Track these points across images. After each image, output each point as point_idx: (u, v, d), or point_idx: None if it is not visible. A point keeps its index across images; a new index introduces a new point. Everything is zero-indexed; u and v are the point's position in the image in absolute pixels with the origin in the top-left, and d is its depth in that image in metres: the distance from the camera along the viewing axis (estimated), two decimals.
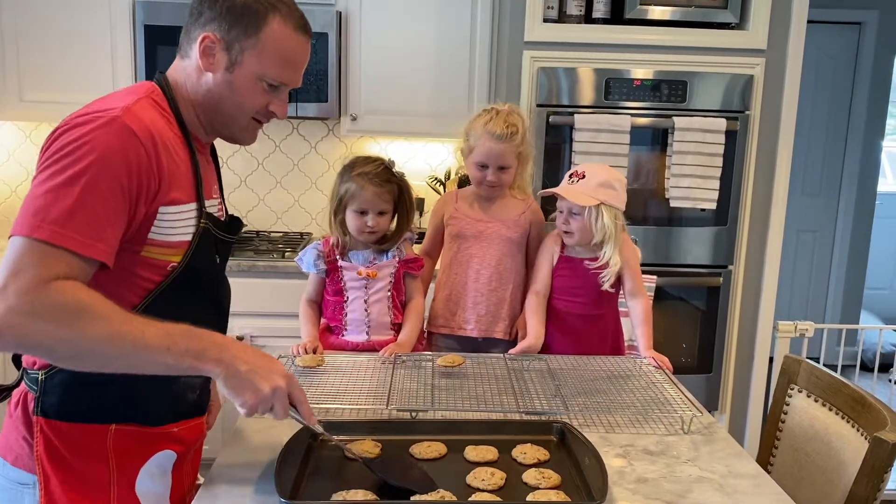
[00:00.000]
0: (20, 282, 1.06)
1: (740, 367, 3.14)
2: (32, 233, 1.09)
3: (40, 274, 1.07)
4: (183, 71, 1.31)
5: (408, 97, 3.13)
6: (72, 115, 1.18)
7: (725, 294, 3.05)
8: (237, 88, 1.28)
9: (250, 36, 1.26)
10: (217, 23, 1.26)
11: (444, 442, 1.41)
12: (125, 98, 1.22)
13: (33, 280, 1.07)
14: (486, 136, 2.09)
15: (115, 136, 1.15)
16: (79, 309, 1.08)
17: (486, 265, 2.18)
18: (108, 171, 1.13)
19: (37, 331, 1.06)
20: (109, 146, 1.14)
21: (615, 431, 1.54)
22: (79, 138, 1.13)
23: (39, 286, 1.07)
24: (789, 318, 3.29)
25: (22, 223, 1.10)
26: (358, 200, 1.95)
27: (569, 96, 2.89)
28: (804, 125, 4.57)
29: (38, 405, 1.23)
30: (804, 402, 1.81)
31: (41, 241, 1.08)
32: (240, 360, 1.16)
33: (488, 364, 1.88)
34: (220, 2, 1.26)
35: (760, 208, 3.03)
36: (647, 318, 2.05)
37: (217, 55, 1.27)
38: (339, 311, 2.03)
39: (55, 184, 1.11)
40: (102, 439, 1.25)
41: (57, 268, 1.09)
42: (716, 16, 2.90)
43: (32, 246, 1.08)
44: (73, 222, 1.10)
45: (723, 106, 2.91)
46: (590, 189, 1.98)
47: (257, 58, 1.27)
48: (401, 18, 3.08)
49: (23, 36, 3.04)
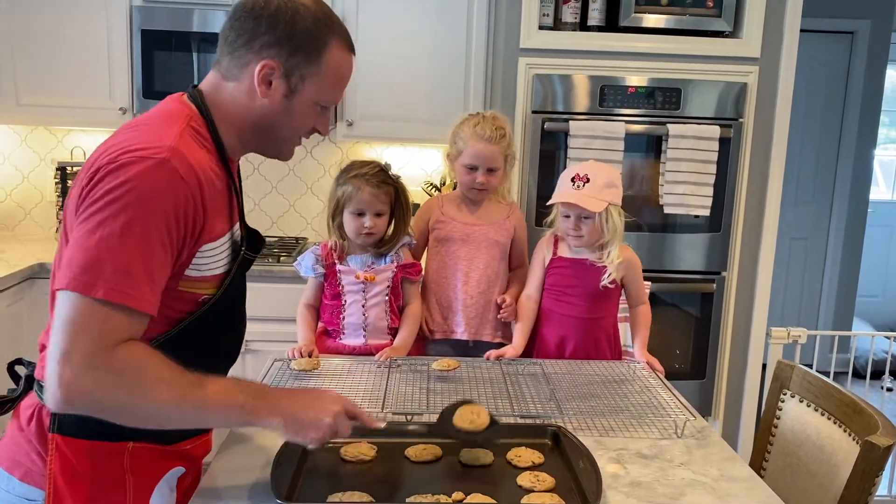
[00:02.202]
0: (85, 346, 1.06)
1: (733, 374, 3.15)
2: (88, 291, 1.06)
3: (104, 338, 1.07)
4: (227, 92, 1.26)
5: (403, 103, 3.14)
6: (115, 151, 1.13)
7: (719, 300, 3.06)
8: (294, 114, 1.27)
9: (311, 63, 1.24)
10: (276, 49, 1.22)
11: (438, 445, 1.41)
12: (167, 129, 1.18)
13: (98, 345, 1.06)
14: (476, 139, 2.12)
15: (166, 183, 1.12)
16: (145, 375, 1.10)
17: (474, 268, 2.20)
18: (159, 221, 1.11)
19: (105, 397, 1.08)
20: (160, 193, 1.11)
21: (609, 435, 1.55)
22: (127, 181, 1.10)
23: (106, 351, 1.07)
24: (782, 324, 3.30)
25: (75, 278, 1.07)
26: (355, 202, 1.96)
27: (564, 103, 2.91)
28: (797, 133, 4.60)
29: (54, 422, 1.21)
30: (797, 407, 1.82)
31: (98, 300, 1.06)
32: (293, 405, 1.21)
33: (483, 368, 1.89)
34: (279, 27, 1.21)
35: (754, 215, 3.05)
36: (645, 323, 2.09)
37: (275, 82, 1.23)
38: (336, 315, 2.04)
39: (106, 234, 1.08)
40: (120, 457, 1.24)
41: (118, 329, 1.08)
42: (710, 24, 2.93)
43: (89, 306, 1.06)
44: (129, 279, 1.08)
45: (716, 113, 2.94)
46: (597, 192, 1.98)
47: (317, 85, 1.26)
48: (397, 25, 3.10)
49: (20, 39, 3.04)
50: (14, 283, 2.75)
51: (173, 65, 3.00)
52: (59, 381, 1.05)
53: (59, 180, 3.27)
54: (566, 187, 2.02)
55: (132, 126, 1.22)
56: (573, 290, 2.06)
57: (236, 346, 1.44)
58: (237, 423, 1.20)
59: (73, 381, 1.05)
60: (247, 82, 1.24)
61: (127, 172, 1.10)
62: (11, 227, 3.47)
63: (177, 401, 1.11)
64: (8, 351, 2.72)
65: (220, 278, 1.27)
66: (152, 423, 1.15)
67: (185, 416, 1.14)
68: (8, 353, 2.70)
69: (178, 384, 1.12)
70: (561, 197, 2.01)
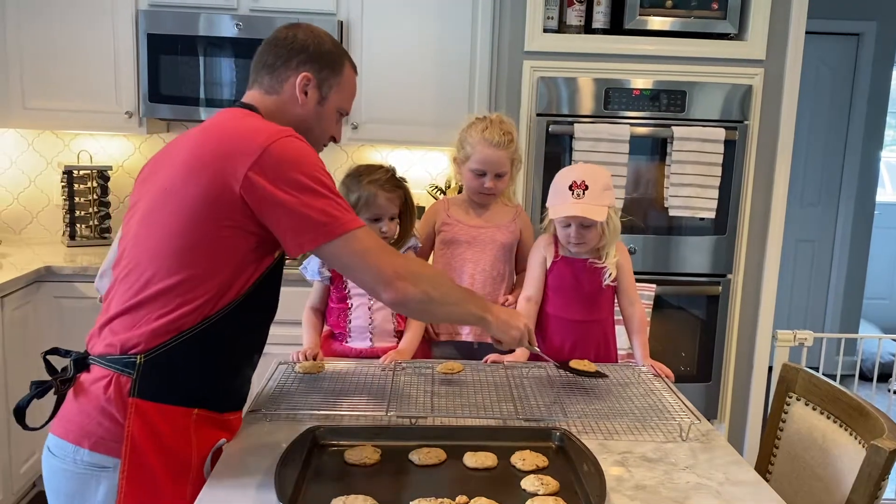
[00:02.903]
0: (389, 258, 1.44)
1: (739, 376, 3.14)
2: (349, 225, 1.39)
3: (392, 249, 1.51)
4: (270, 105, 1.53)
5: (408, 106, 3.15)
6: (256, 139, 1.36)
7: (724, 303, 3.06)
8: (324, 118, 1.57)
9: (336, 75, 1.56)
10: (310, 65, 1.53)
11: (443, 448, 1.41)
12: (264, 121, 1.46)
13: (395, 254, 1.49)
14: (484, 144, 2.12)
15: (307, 145, 1.43)
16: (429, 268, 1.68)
17: (480, 270, 2.20)
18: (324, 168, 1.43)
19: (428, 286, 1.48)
20: (310, 149, 1.43)
21: (613, 438, 1.55)
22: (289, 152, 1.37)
23: (400, 256, 1.52)
24: (788, 327, 3.29)
25: (334, 227, 1.38)
26: (372, 208, 1.96)
27: (568, 106, 2.91)
28: (803, 135, 4.59)
29: (134, 387, 1.36)
30: (802, 411, 1.81)
31: (357, 228, 1.40)
32: (499, 315, 1.63)
33: (488, 371, 1.89)
34: (311, 48, 1.53)
35: (759, 217, 3.04)
36: (642, 326, 2.03)
37: (310, 91, 1.54)
38: (343, 318, 2.04)
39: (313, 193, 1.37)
40: (188, 421, 1.40)
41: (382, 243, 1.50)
42: (715, 26, 2.92)
43: (359, 235, 1.40)
44: (348, 210, 1.42)
45: (722, 116, 2.93)
46: (597, 198, 1.94)
47: (339, 94, 1.58)
48: (402, 29, 3.10)
49: (27, 44, 3.06)
50: (21, 287, 2.76)
51: (179, 69, 3.01)
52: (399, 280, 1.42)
53: (66, 184, 3.29)
54: (566, 197, 1.95)
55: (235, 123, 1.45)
56: (575, 292, 2.04)
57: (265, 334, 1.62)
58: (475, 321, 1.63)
59: (408, 277, 1.44)
60: (288, 93, 1.53)
61: (287, 149, 1.37)
62: (18, 231, 3.49)
63: (464, 300, 1.59)
64: (16, 353, 2.73)
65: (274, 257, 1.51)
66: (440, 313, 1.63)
67: (465, 313, 1.61)
68: (16, 356, 2.72)
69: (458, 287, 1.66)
70: (565, 210, 1.95)
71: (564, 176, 1.99)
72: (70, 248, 3.30)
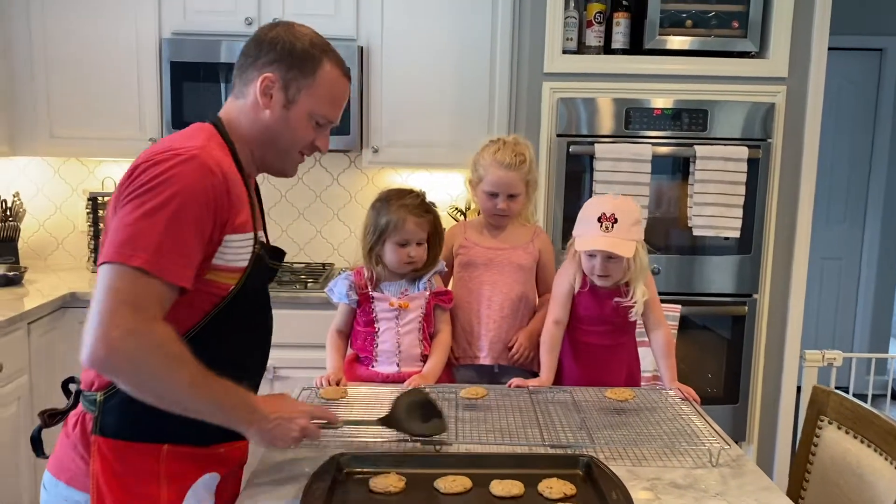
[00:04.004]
0: (128, 312, 1.17)
1: (767, 398, 3.09)
2: (128, 261, 1.18)
3: (146, 307, 1.19)
4: (238, 110, 1.41)
5: (428, 129, 3.16)
6: (150, 152, 1.28)
7: (751, 323, 3.01)
8: (292, 125, 1.40)
9: (307, 77, 1.39)
10: (276, 64, 1.37)
11: (468, 476, 1.39)
12: (194, 138, 1.32)
13: (142, 313, 1.18)
14: (496, 166, 2.12)
15: (196, 171, 1.25)
16: (178, 351, 1.21)
17: (497, 292, 2.18)
18: (192, 205, 1.23)
19: (142, 362, 1.19)
20: (191, 180, 1.24)
21: (642, 464, 1.52)
22: (163, 172, 1.23)
23: (148, 321, 1.19)
24: (816, 346, 3.24)
25: (116, 251, 1.19)
26: (400, 232, 1.97)
27: (588, 126, 2.90)
28: (827, 152, 4.54)
29: (96, 425, 1.31)
30: (835, 434, 1.77)
31: (136, 268, 1.18)
32: (265, 418, 1.32)
33: (512, 396, 1.87)
34: (278, 46, 1.37)
35: (784, 236, 3.01)
36: (669, 349, 2.01)
37: (275, 94, 1.38)
38: (369, 342, 2.04)
39: (142, 213, 1.20)
40: (156, 459, 1.32)
41: (156, 300, 1.20)
42: (735, 45, 2.91)
43: (130, 274, 1.18)
44: (164, 253, 1.20)
45: (744, 134, 2.91)
46: (625, 232, 1.91)
47: (311, 97, 1.40)
48: (421, 52, 3.12)
49: (53, 74, 3.11)
50: (47, 313, 2.79)
51: (202, 95, 3.05)
52: (104, 338, 1.16)
53: (91, 211, 3.32)
54: (594, 230, 1.92)
55: (162, 141, 1.36)
56: (601, 321, 2.03)
57: (263, 354, 1.53)
58: (225, 423, 1.30)
59: (116, 340, 1.16)
60: (252, 97, 1.39)
61: (161, 166, 1.24)
62: (44, 258, 3.53)
63: (196, 386, 1.23)
64: (43, 379, 2.75)
65: (243, 271, 1.36)
66: (168, 400, 1.23)
67: (198, 404, 1.25)
68: (42, 382, 2.74)
69: (201, 369, 1.23)
70: (591, 243, 1.92)
71: (594, 206, 1.97)
72: (95, 273, 3.32)
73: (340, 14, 3.10)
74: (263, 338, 1.52)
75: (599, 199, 2.02)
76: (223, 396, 1.27)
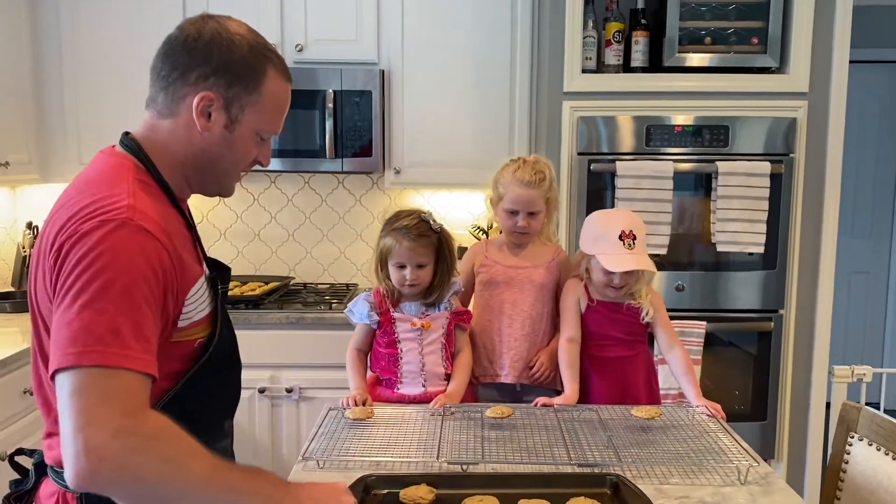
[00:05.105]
0: (104, 414, 0.98)
1: (796, 414, 3.05)
2: (82, 361, 0.99)
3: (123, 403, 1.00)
4: (165, 131, 1.22)
5: (450, 149, 3.19)
6: (73, 221, 1.08)
7: (777, 339, 2.98)
8: (236, 146, 1.24)
9: (251, 93, 1.21)
10: (213, 79, 1.19)
11: (496, 496, 1.39)
12: (116, 187, 1.13)
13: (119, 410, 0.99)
14: (516, 184, 2.15)
15: (134, 241, 1.07)
16: (181, 443, 1.04)
17: (518, 310, 2.19)
18: (137, 279, 1.05)
19: (138, 465, 0.98)
20: (130, 252, 1.06)
21: (669, 483, 1.52)
22: (93, 248, 1.05)
23: (130, 416, 1.00)
24: (845, 362, 3.19)
25: (66, 355, 1.00)
26: (396, 255, 1.99)
27: (609, 144, 2.91)
28: (851, 165, 4.50)
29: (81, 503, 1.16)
30: (865, 451, 1.75)
31: (97, 367, 1.00)
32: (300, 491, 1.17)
33: (537, 415, 1.87)
34: (215, 57, 1.18)
35: (810, 251, 2.98)
36: (688, 367, 2.02)
37: (214, 114, 1.20)
38: (393, 364, 2.05)
39: (85, 302, 1.02)
40: None
41: (131, 393, 1.01)
42: (755, 60, 2.91)
43: (91, 375, 0.99)
44: (120, 340, 1.01)
45: (766, 149, 2.90)
46: (643, 247, 1.99)
47: (257, 114, 1.23)
48: (441, 75, 3.15)
49: (82, 103, 3.18)
50: None
51: None
52: (86, 450, 0.96)
53: None
54: (616, 247, 1.97)
55: (79, 189, 1.16)
56: (613, 332, 2.06)
57: (236, 393, 1.39)
58: None
59: (101, 447, 0.96)
60: (185, 116, 1.20)
61: (91, 239, 1.05)
62: None
63: (209, 477, 1.04)
64: None
65: (209, 317, 1.24)
66: (181, 501, 1.04)
67: (215, 497, 1.05)
68: None
69: (210, 458, 1.05)
70: (622, 263, 1.96)
71: (609, 224, 2.02)
72: None
73: (362, 39, 3.14)
74: (235, 382, 1.38)
75: (607, 214, 2.09)
76: (246, 483, 1.09)
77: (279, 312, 2.98)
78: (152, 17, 3.11)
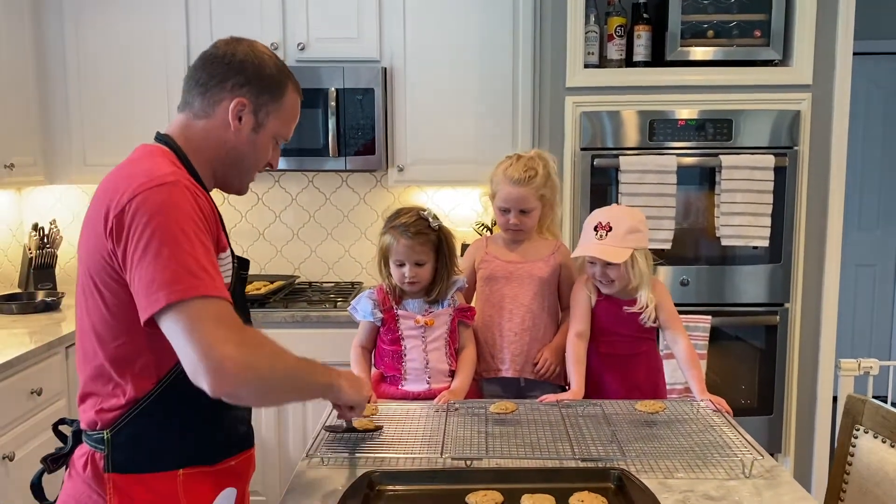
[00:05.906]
0: (222, 332, 1.18)
1: (803, 408, 3.04)
2: (189, 294, 1.18)
3: (230, 323, 1.20)
4: (200, 129, 1.40)
5: (452, 147, 3.19)
6: (127, 190, 1.24)
7: (783, 332, 2.98)
8: (259, 147, 1.44)
9: (276, 101, 1.42)
10: (247, 88, 1.39)
11: (500, 490, 1.40)
12: (159, 165, 1.30)
13: (231, 328, 1.20)
14: (506, 181, 2.15)
15: (186, 195, 1.26)
16: (274, 345, 1.27)
17: (518, 305, 2.19)
18: (195, 224, 1.24)
19: (261, 366, 1.21)
20: (183, 204, 1.24)
21: (674, 477, 1.51)
22: (154, 206, 1.22)
23: (240, 331, 1.21)
24: (852, 355, 3.18)
25: (171, 293, 1.18)
26: (394, 253, 2.00)
27: (613, 139, 2.91)
28: (857, 157, 4.49)
29: (108, 463, 1.29)
30: (871, 443, 1.75)
31: (199, 297, 1.19)
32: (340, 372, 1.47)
33: (542, 410, 1.88)
34: (247, 70, 1.39)
35: (815, 244, 2.97)
36: (693, 359, 2.01)
37: (245, 117, 1.40)
38: (397, 361, 2.05)
39: (169, 248, 1.20)
40: (173, 485, 1.31)
41: (230, 314, 1.22)
42: (758, 54, 2.90)
43: (197, 304, 1.18)
44: (207, 275, 1.21)
45: (770, 143, 2.89)
46: (619, 240, 1.99)
47: (278, 120, 1.44)
48: (443, 72, 3.15)
49: (86, 104, 3.20)
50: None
51: None
52: (220, 364, 1.16)
53: None
54: (589, 237, 2.03)
55: (128, 166, 1.34)
56: (619, 329, 2.07)
57: None
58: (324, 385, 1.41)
59: (229, 360, 1.16)
60: (220, 117, 1.39)
61: (148, 200, 1.22)
62: None
63: (297, 365, 1.31)
64: None
65: (227, 287, 1.35)
66: (287, 388, 1.33)
67: (301, 379, 1.34)
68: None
69: (290, 352, 1.30)
70: (583, 250, 2.03)
71: (594, 216, 2.06)
72: None
73: (363, 37, 3.15)
74: None
75: (601, 209, 2.09)
76: (311, 365, 1.36)
77: (284, 311, 2.99)
78: (155, 21, 3.13)
